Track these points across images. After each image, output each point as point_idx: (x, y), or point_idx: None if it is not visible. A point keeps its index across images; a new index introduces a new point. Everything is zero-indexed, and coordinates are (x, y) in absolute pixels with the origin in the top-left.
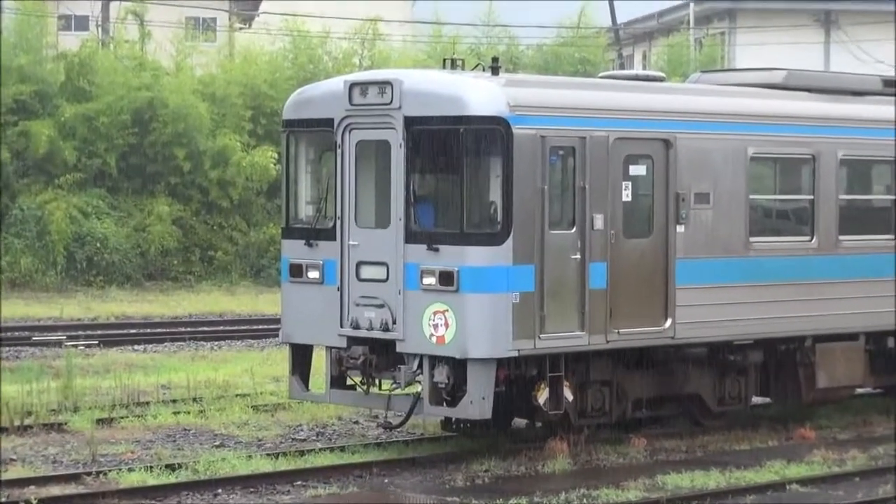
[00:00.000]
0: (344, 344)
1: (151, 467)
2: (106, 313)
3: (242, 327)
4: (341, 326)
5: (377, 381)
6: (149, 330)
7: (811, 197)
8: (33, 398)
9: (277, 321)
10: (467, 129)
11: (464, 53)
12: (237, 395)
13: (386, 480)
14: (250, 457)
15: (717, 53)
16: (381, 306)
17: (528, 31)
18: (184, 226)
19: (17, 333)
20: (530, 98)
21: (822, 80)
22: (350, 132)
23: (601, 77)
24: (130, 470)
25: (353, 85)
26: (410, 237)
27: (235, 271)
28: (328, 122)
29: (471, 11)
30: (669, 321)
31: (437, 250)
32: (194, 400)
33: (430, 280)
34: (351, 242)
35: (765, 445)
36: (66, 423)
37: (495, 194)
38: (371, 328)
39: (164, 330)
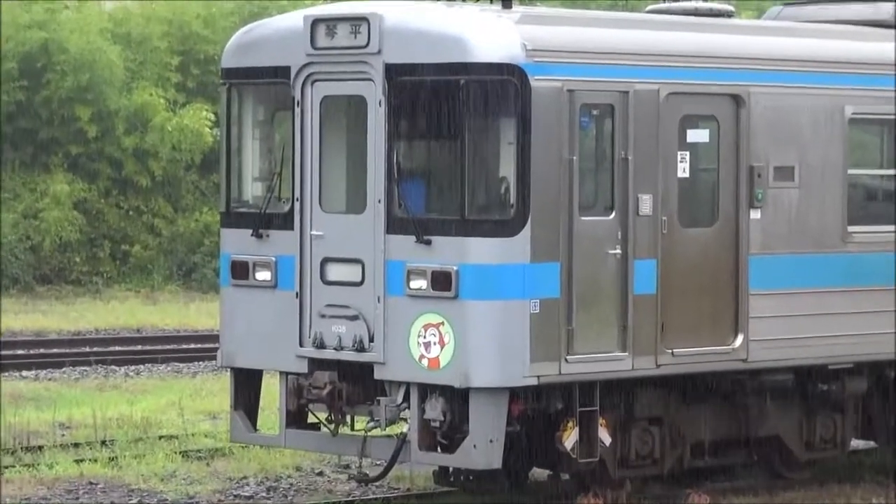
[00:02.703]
0: (304, 369)
1: None
2: None
3: (167, 346)
4: (301, 345)
5: (349, 419)
6: (42, 350)
7: None
8: None
9: (214, 338)
10: (470, 81)
11: None
12: (161, 438)
13: None
14: None
15: None
16: (355, 318)
17: None
18: (89, 211)
19: None
20: (554, 39)
21: None
22: (313, 85)
23: (649, 11)
24: None
25: (316, 21)
26: (393, 226)
27: (158, 272)
28: (283, 72)
29: None
30: (740, 338)
31: (428, 243)
32: (103, 444)
33: (419, 283)
34: (314, 233)
35: (867, 503)
36: None
37: (507, 168)
38: (340, 347)
39: (63, 350)
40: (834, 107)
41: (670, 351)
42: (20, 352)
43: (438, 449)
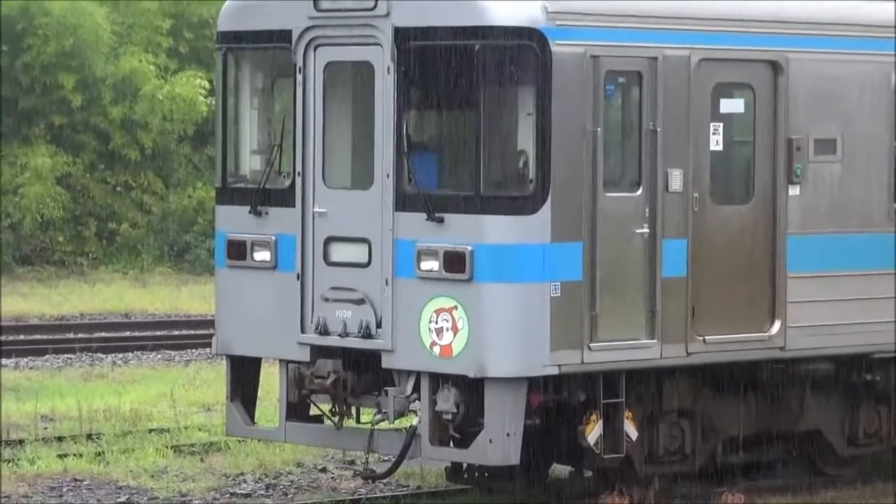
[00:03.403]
0: (306, 357)
1: None
2: None
3: (158, 333)
4: (303, 331)
5: (354, 411)
6: (22, 336)
7: None
8: None
9: (209, 324)
10: (486, 47)
11: None
12: (151, 431)
13: None
14: None
15: None
16: (361, 302)
17: None
18: (73, 186)
19: None
20: (577, 1)
21: None
22: (316, 50)
23: None
24: None
25: None
26: (403, 202)
27: (148, 252)
28: (284, 36)
29: None
30: (778, 325)
31: (441, 221)
32: (89, 437)
33: (431, 264)
34: (317, 210)
35: None
36: None
37: (526, 140)
38: (345, 333)
39: (45, 336)
40: (880, 74)
41: (702, 338)
42: None
43: (451, 443)
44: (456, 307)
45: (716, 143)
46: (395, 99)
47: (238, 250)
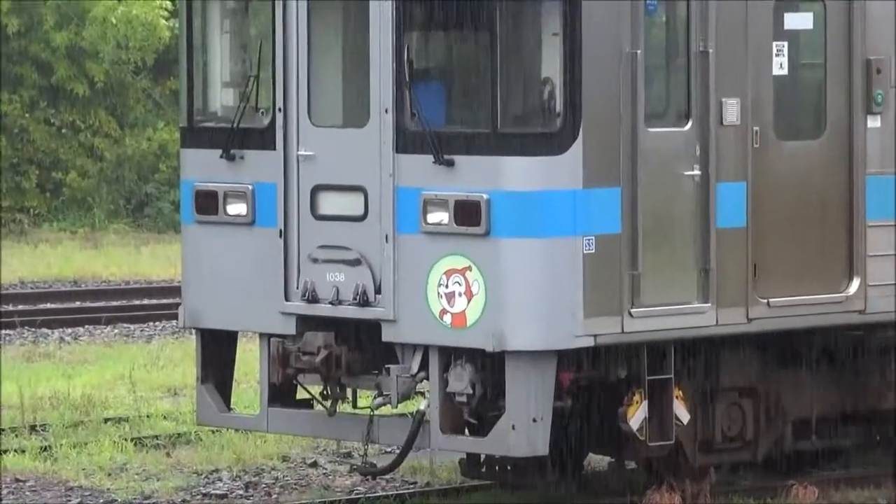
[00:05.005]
0: (292, 330)
1: None
2: None
3: (114, 303)
4: (287, 299)
5: (350, 394)
6: None
7: None
8: None
9: (175, 291)
10: None
11: None
12: (107, 421)
13: None
14: None
15: None
16: (356, 263)
17: None
18: (9, 129)
19: None
20: None
21: None
22: None
23: None
24: None
25: None
26: (405, 142)
27: (100, 206)
28: None
29: None
30: (856, 283)
31: (450, 165)
32: (33, 430)
33: (439, 216)
34: (302, 153)
35: None
36: None
37: (551, 66)
38: (338, 301)
39: None
40: None
41: (765, 301)
42: None
43: (466, 431)
44: (470, 268)
45: (779, 66)
46: (393, 18)
47: (208, 203)
